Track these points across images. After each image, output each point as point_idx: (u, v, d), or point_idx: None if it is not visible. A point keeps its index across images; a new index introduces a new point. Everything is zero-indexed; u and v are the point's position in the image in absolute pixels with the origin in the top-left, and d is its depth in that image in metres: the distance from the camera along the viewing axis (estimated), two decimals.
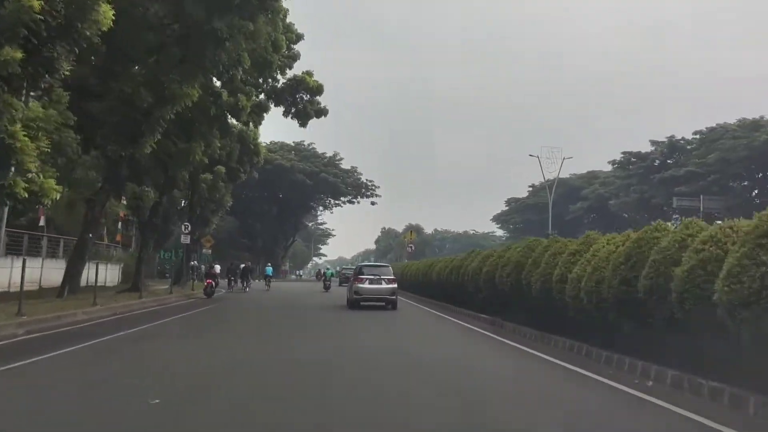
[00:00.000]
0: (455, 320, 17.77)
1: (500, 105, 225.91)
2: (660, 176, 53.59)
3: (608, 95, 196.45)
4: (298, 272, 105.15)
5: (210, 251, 39.10)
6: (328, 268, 50.15)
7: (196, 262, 41.93)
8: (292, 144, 77.86)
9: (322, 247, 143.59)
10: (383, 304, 21.12)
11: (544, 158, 46.73)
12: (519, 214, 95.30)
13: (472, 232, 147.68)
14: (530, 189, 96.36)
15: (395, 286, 21.55)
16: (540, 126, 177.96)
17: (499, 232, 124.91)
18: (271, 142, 77.14)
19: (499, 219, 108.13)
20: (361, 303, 21.06)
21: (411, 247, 39.69)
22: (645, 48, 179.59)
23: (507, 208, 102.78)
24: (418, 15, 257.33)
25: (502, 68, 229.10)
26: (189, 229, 31.10)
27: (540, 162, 46.43)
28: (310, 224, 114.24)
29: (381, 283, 21.11)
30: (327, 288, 38.42)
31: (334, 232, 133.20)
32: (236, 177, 39.31)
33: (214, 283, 28.70)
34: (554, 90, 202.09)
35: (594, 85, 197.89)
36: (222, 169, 34.84)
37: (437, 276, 23.44)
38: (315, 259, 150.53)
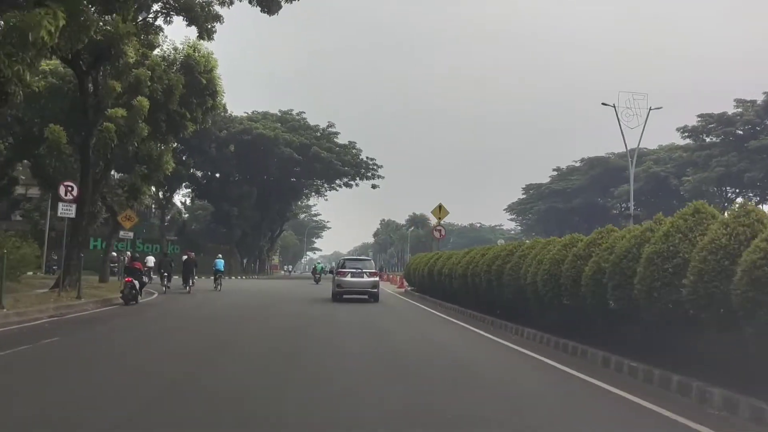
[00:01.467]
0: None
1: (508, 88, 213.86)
2: (758, 143, 40.23)
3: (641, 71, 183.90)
4: (288, 267, 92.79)
5: (131, 234, 25.91)
6: (319, 263, 51.44)
7: (129, 252, 29.14)
8: (278, 113, 64.54)
9: (316, 240, 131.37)
10: (366, 297, 21.20)
11: (622, 108, 33.21)
12: (542, 202, 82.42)
13: (478, 225, 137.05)
14: (554, 173, 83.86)
15: (377, 279, 22.10)
16: (554, 110, 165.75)
17: (509, 225, 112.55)
18: (252, 112, 64.31)
19: (515, 208, 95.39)
20: (344, 296, 21.18)
21: (440, 230, 26.27)
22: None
23: (524, 196, 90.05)
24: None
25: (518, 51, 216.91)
26: (75, 192, 18.15)
27: (617, 112, 33.05)
28: (302, 216, 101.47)
29: (363, 276, 21.37)
30: (317, 281, 40.61)
31: (329, 225, 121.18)
32: (180, 126, 26.35)
33: (137, 283, 18.90)
34: (572, 71, 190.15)
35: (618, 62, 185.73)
36: (144, 102, 21.69)
37: (544, 280, 10.29)
38: (309, 253, 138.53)
